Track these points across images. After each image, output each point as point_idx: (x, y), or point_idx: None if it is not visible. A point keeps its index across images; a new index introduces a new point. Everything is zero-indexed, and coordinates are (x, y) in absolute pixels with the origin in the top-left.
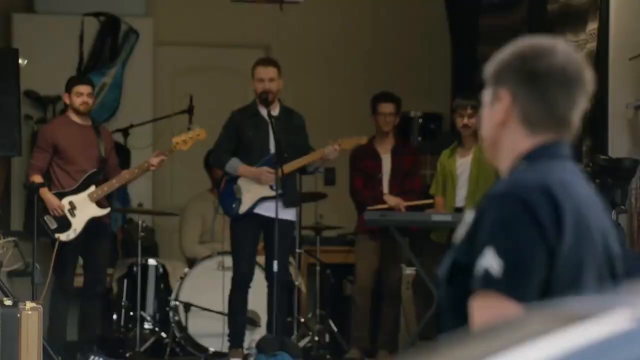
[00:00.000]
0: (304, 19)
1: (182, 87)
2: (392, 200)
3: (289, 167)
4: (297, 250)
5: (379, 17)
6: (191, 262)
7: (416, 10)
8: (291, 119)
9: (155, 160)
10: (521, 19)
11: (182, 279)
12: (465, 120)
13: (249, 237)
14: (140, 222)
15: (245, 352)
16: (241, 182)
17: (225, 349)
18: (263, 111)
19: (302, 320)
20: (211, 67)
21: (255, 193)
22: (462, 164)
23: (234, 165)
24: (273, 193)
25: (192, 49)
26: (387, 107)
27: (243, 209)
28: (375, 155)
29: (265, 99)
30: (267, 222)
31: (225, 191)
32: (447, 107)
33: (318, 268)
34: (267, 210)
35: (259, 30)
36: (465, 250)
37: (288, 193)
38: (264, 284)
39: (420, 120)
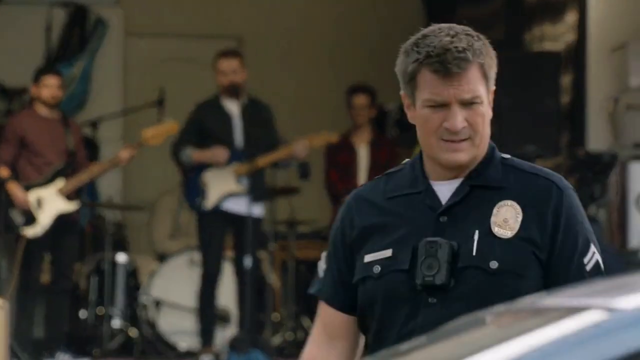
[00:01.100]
0: (277, 9)
1: (153, 79)
2: None
3: (257, 164)
4: (271, 246)
5: (355, 8)
6: (161, 258)
7: (393, 1)
8: (258, 111)
9: (124, 155)
10: (498, 11)
11: (152, 275)
12: None
13: (217, 233)
14: (109, 217)
15: (217, 349)
16: (207, 176)
17: (196, 347)
18: (227, 104)
19: (276, 317)
20: (183, 59)
21: (222, 188)
22: None
23: (188, 153)
24: (239, 188)
25: (163, 39)
26: (361, 99)
27: (209, 203)
28: (350, 148)
29: (234, 91)
30: (235, 219)
31: (191, 185)
32: None
33: (292, 264)
34: (234, 205)
35: (231, 21)
36: (539, 245)
37: (255, 187)
38: (234, 280)
39: (396, 113)
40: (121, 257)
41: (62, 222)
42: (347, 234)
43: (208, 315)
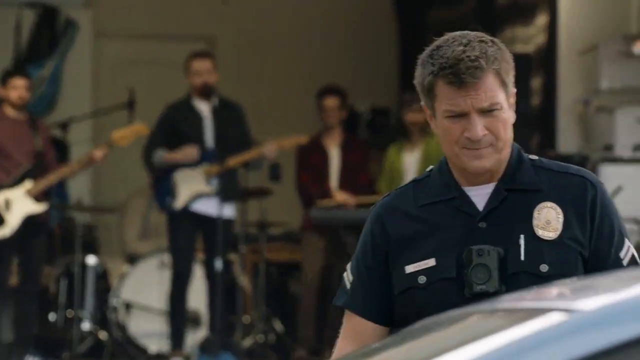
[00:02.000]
0: (248, 10)
1: (123, 80)
2: (340, 197)
3: (228, 165)
4: (242, 249)
5: (326, 9)
6: (132, 259)
7: (364, 3)
8: (230, 112)
9: (98, 155)
10: (470, 13)
11: (122, 277)
12: (413, 116)
13: (187, 234)
14: (79, 219)
15: (187, 352)
16: (177, 177)
17: (167, 350)
18: (198, 105)
19: (247, 319)
20: (153, 60)
21: (192, 189)
22: (410, 160)
23: (160, 155)
24: (210, 188)
25: (133, 41)
26: (331, 102)
27: (179, 204)
28: (322, 150)
29: (207, 92)
30: (205, 221)
31: (161, 186)
32: (395, 102)
33: (263, 266)
34: (204, 207)
35: (202, 22)
36: (583, 243)
37: (226, 188)
38: (205, 282)
39: (367, 115)
40: (91, 260)
41: (30, 223)
42: (379, 245)
43: (178, 317)
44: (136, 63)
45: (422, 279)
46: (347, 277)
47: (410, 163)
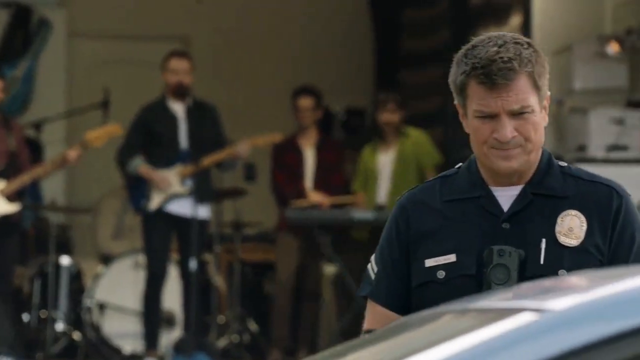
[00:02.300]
0: (223, 10)
1: (97, 80)
2: (315, 197)
3: (202, 164)
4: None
5: (301, 10)
6: (105, 259)
7: (339, 3)
8: (204, 112)
9: (72, 155)
10: (444, 13)
11: (96, 278)
12: (388, 116)
13: (162, 235)
14: (52, 220)
15: (162, 352)
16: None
17: (141, 350)
18: (172, 106)
19: (222, 319)
20: (128, 60)
21: (166, 190)
22: (384, 160)
23: (135, 164)
24: (184, 189)
25: (107, 41)
26: (306, 102)
27: (153, 205)
28: (297, 150)
29: (181, 92)
30: (180, 222)
31: (136, 187)
32: (370, 102)
33: (238, 266)
34: (179, 208)
35: (177, 22)
36: (603, 252)
37: (200, 189)
38: (179, 282)
39: (342, 116)
40: (65, 260)
41: (3, 224)
42: (403, 236)
43: (153, 318)
44: (110, 63)
45: (441, 274)
46: (372, 268)
47: (384, 163)
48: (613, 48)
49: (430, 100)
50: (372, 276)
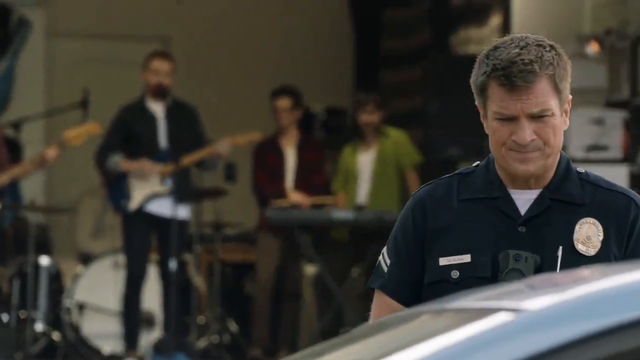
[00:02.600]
0: (203, 10)
1: (76, 80)
2: (295, 197)
3: (181, 164)
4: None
5: (282, 10)
6: (84, 258)
7: (319, 3)
8: (184, 113)
9: (51, 154)
10: (424, 14)
11: (76, 278)
12: (367, 117)
13: (141, 235)
14: (32, 220)
15: (141, 353)
16: (131, 178)
17: (121, 351)
18: (152, 106)
19: (202, 320)
20: (108, 60)
21: (146, 189)
22: (364, 161)
23: (115, 161)
24: (164, 189)
25: (86, 40)
26: (283, 103)
27: (133, 205)
28: (278, 150)
29: (161, 92)
30: (159, 222)
31: (115, 187)
32: (350, 102)
33: (218, 266)
34: (158, 208)
35: (157, 22)
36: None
37: (180, 189)
38: (159, 282)
39: (323, 116)
40: (44, 260)
41: None
42: (420, 230)
43: (132, 318)
44: (90, 63)
45: (455, 274)
46: (384, 260)
47: (365, 163)
48: (592, 48)
49: (411, 100)
50: (385, 268)
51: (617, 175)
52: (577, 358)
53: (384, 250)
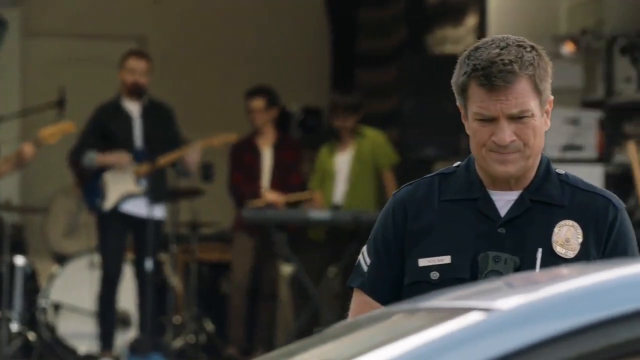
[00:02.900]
0: (179, 10)
1: (53, 79)
2: (270, 196)
3: (156, 164)
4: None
5: (258, 9)
6: (59, 258)
7: (295, 3)
8: (159, 112)
9: (28, 149)
10: (400, 13)
11: (51, 278)
12: (340, 122)
13: (116, 235)
14: (7, 220)
15: (117, 353)
16: (106, 177)
17: (96, 351)
18: (128, 105)
19: (178, 319)
20: (84, 59)
21: (121, 189)
22: (341, 160)
23: (91, 157)
24: (139, 189)
25: (62, 39)
26: (257, 103)
27: (108, 205)
28: (255, 150)
29: (137, 92)
30: (135, 222)
31: (90, 186)
32: (327, 102)
33: (194, 266)
34: (133, 208)
35: (133, 22)
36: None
37: (155, 189)
38: (135, 282)
39: (300, 115)
40: (19, 260)
41: None
42: (400, 230)
43: (108, 318)
44: (66, 62)
45: (434, 275)
46: (364, 259)
47: (341, 163)
48: (568, 48)
49: (387, 100)
50: (365, 267)
51: (592, 175)
52: (549, 357)
53: (364, 249)
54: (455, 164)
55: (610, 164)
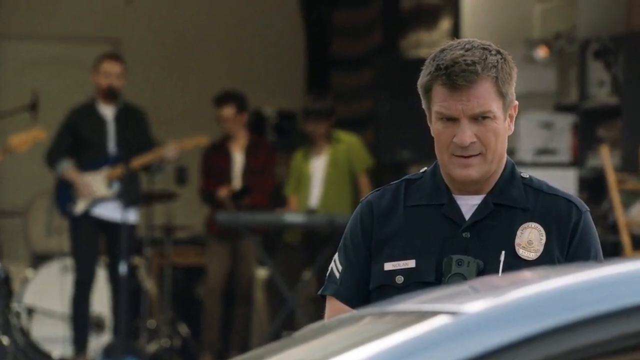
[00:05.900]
0: (153, 12)
1: (26, 82)
2: (222, 192)
3: (130, 167)
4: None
5: (233, 12)
6: (38, 259)
7: (270, 5)
8: (133, 116)
9: None
10: (375, 17)
11: (24, 282)
12: (312, 127)
13: (89, 238)
14: None
15: (91, 357)
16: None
17: (70, 355)
18: (101, 109)
19: (152, 323)
20: (57, 62)
21: (92, 193)
22: (316, 165)
23: (62, 168)
24: (110, 192)
25: (36, 42)
26: (227, 111)
27: (79, 209)
28: (226, 153)
29: (112, 95)
30: (107, 226)
31: (62, 191)
32: (301, 105)
33: (169, 270)
34: (106, 212)
35: (107, 24)
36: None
37: (128, 192)
38: (109, 286)
39: (274, 118)
40: None
41: None
42: (368, 236)
43: (81, 322)
44: (39, 65)
45: (399, 279)
46: (336, 266)
47: (317, 167)
48: (541, 52)
49: (362, 103)
50: (337, 275)
51: (566, 179)
52: None
53: (336, 256)
54: (422, 170)
55: (584, 167)
